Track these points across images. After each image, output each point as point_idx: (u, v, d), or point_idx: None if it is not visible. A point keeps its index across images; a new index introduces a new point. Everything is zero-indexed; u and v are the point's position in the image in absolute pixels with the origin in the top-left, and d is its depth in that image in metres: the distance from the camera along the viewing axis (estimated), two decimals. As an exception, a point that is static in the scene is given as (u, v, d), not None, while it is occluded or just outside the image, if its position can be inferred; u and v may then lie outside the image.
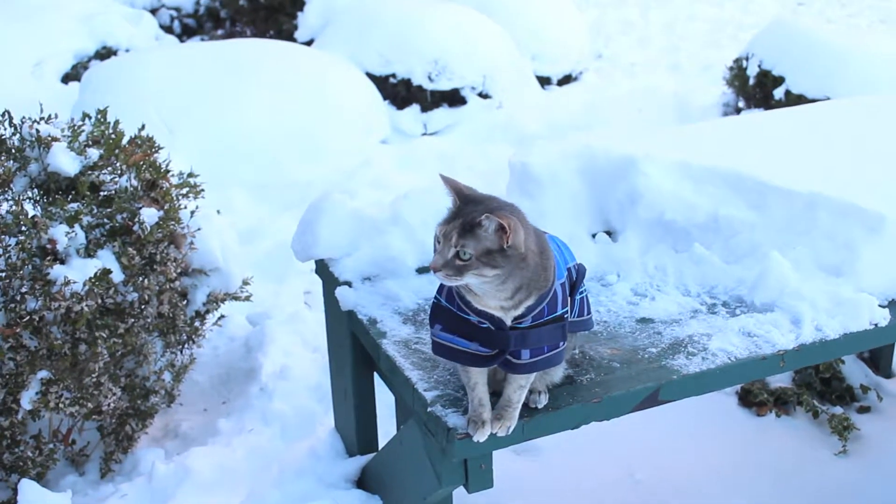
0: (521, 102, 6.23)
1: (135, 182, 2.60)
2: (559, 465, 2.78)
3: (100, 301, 2.40)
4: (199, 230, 2.76)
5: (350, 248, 2.42)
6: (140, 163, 2.65)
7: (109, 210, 2.50)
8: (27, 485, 2.31)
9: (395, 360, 2.08)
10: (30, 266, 2.33)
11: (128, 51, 6.99)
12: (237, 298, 2.99)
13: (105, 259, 2.42)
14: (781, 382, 3.15)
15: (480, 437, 1.84)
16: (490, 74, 6.17)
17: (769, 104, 5.72)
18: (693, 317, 2.26)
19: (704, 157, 2.63)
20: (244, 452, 2.74)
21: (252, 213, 4.50)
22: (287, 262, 3.81)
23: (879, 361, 3.26)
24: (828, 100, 4.88)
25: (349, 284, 2.37)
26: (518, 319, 1.79)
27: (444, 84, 6.04)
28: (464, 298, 1.79)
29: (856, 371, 3.19)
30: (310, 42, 6.86)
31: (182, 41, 8.04)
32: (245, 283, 3.01)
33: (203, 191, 2.91)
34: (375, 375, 2.48)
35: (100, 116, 2.70)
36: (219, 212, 3.06)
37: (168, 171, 2.75)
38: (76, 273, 2.33)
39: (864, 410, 3.08)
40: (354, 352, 2.41)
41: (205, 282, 2.84)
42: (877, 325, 2.20)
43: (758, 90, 5.92)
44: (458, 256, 1.67)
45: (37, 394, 2.40)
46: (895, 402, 3.10)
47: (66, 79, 6.65)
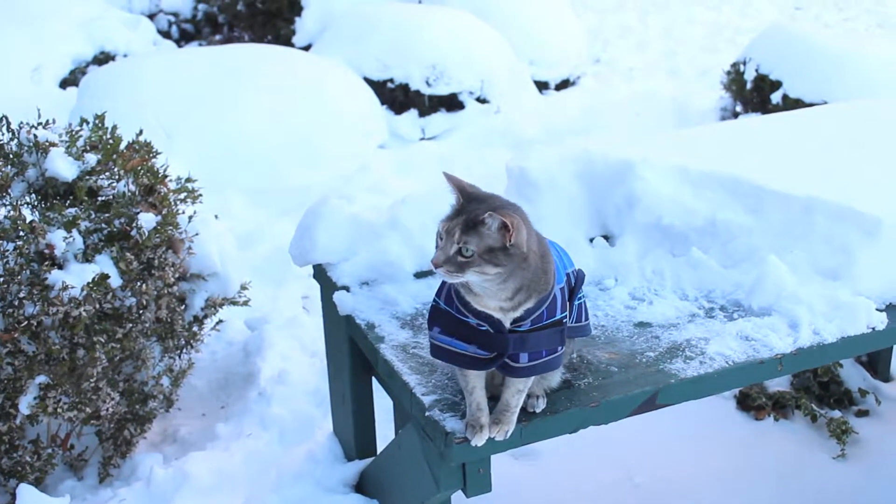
0: (519, 107, 6.23)
1: (133, 187, 2.60)
2: (557, 469, 2.78)
3: (98, 306, 2.40)
4: (198, 235, 2.77)
5: (348, 253, 2.42)
6: (138, 168, 2.66)
7: (107, 215, 2.50)
8: (25, 489, 2.30)
9: (393, 365, 2.08)
10: (28, 271, 2.33)
11: (126, 56, 7.01)
12: (235, 303, 3.00)
13: (103, 264, 2.42)
14: (780, 386, 3.15)
15: (478, 442, 1.83)
16: (488, 79, 6.17)
17: (766, 108, 5.73)
18: (691, 321, 2.26)
19: (702, 162, 2.64)
20: (242, 457, 2.74)
21: (250, 218, 4.50)
22: (285, 267, 3.81)
23: (877, 365, 3.26)
24: (825, 104, 4.88)
25: (347, 289, 2.37)
26: (517, 323, 1.79)
27: (442, 89, 6.04)
28: (463, 299, 1.78)
29: (854, 375, 3.19)
30: (308, 47, 6.86)
31: (180, 46, 8.06)
32: (243, 288, 3.01)
33: (201, 196, 2.92)
34: (373, 380, 2.48)
35: (97, 121, 2.70)
36: (217, 217, 3.06)
37: (166, 176, 2.75)
38: (74, 278, 2.33)
39: (863, 414, 3.08)
40: (352, 356, 2.41)
41: (203, 287, 2.85)
42: (874, 329, 2.20)
43: (755, 94, 5.93)
44: (461, 253, 1.67)
45: (35, 399, 2.40)
46: (893, 406, 3.10)
47: (65, 84, 6.66)
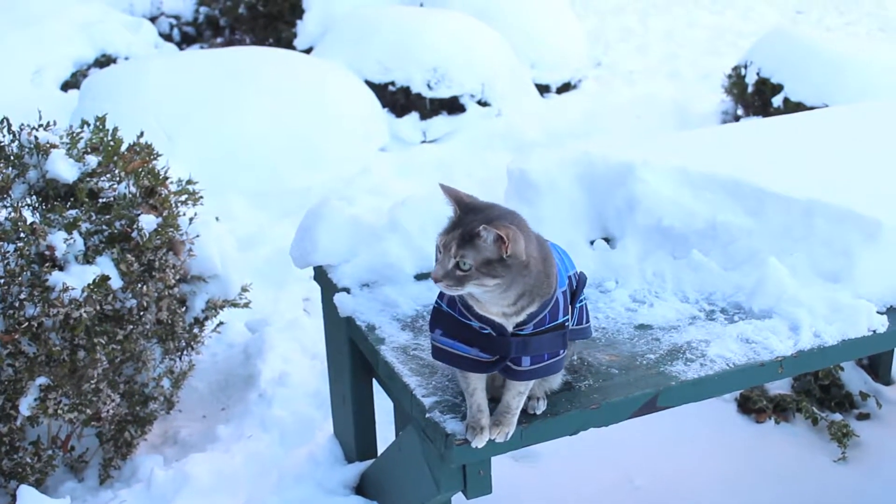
0: (520, 110, 6.22)
1: (133, 189, 2.60)
2: (558, 471, 2.78)
3: (98, 307, 2.40)
4: (198, 237, 2.77)
5: (348, 255, 2.42)
6: (139, 170, 2.66)
7: (108, 217, 2.50)
8: (26, 491, 2.30)
9: (394, 367, 2.08)
10: (28, 272, 2.33)
11: (127, 59, 7.02)
12: (236, 305, 3.00)
13: (104, 266, 2.42)
14: (780, 389, 3.15)
15: (479, 443, 1.83)
16: (489, 82, 6.17)
17: (768, 112, 5.73)
18: (691, 323, 2.26)
19: (702, 164, 2.64)
20: (243, 459, 2.73)
21: (251, 220, 4.50)
22: (286, 269, 3.81)
23: (878, 368, 3.26)
24: (826, 107, 4.88)
25: (347, 291, 2.37)
26: (520, 326, 1.78)
27: (444, 92, 6.04)
28: (465, 304, 1.78)
29: (855, 378, 3.19)
30: (309, 50, 6.87)
31: (181, 49, 8.06)
32: (244, 290, 3.01)
33: (202, 198, 2.92)
34: (374, 382, 2.48)
35: (98, 123, 2.70)
36: (217, 219, 3.06)
37: (167, 178, 2.75)
38: (75, 279, 2.33)
39: (864, 417, 3.07)
40: (353, 358, 2.41)
41: (203, 288, 2.85)
42: (875, 332, 2.20)
43: (756, 98, 5.92)
44: (459, 267, 1.66)
45: (35, 400, 2.40)
46: (894, 409, 3.10)
47: (66, 86, 6.67)
